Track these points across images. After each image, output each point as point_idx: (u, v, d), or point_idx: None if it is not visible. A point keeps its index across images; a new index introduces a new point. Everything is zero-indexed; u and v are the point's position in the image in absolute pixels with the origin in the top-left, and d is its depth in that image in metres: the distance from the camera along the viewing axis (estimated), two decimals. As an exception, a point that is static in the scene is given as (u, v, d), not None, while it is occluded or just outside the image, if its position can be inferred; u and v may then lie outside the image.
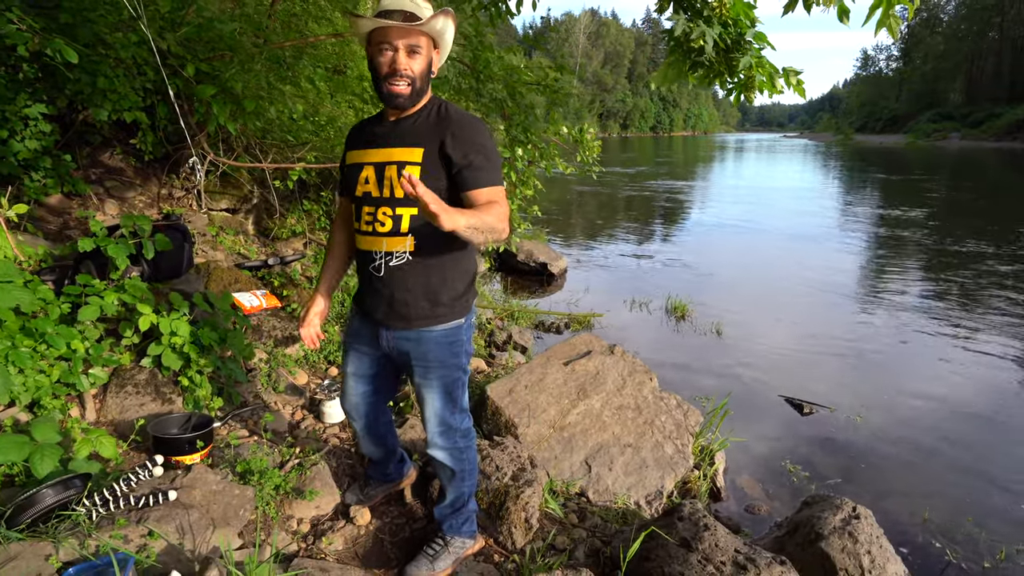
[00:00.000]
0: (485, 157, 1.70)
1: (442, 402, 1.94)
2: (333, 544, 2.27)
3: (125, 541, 1.82)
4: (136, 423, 2.40)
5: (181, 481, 2.10)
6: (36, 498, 1.78)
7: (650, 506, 2.81)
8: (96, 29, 3.54)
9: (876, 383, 4.62)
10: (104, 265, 2.89)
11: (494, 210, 1.62)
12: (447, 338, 1.87)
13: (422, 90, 1.71)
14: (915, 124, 66.63)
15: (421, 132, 1.72)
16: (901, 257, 8.88)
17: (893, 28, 3.02)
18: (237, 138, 4.90)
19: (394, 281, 1.80)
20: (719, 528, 2.17)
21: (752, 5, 3.72)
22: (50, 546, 1.71)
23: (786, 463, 3.52)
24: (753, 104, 3.99)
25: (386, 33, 1.64)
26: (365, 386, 2.09)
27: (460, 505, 2.16)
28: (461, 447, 2.05)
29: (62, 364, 2.38)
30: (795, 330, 5.81)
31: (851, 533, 2.34)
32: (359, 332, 2.00)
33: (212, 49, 4.32)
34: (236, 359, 2.96)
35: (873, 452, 3.66)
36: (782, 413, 4.16)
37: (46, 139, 3.66)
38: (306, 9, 6.28)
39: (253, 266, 3.95)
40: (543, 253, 7.52)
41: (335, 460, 2.70)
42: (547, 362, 3.34)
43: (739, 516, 3.06)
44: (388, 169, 1.72)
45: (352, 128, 1.92)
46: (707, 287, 7.29)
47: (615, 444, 3.01)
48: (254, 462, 2.30)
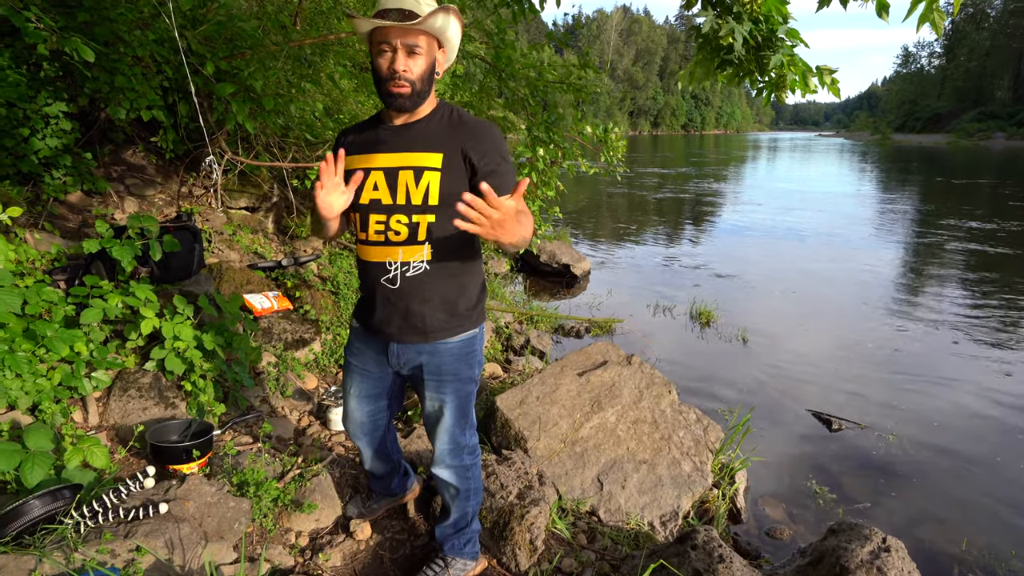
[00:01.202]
0: (507, 163, 1.68)
1: (454, 419, 1.86)
2: (331, 560, 2.20)
3: (112, 556, 1.77)
4: (136, 428, 2.35)
5: (175, 492, 2.04)
6: (22, 509, 1.74)
7: (665, 528, 2.68)
8: (114, 27, 3.53)
9: (910, 399, 4.38)
10: (114, 266, 2.87)
11: (527, 220, 1.55)
12: (463, 349, 1.79)
13: (424, 92, 1.61)
14: (958, 123, 64.54)
15: (438, 137, 1.64)
16: (941, 265, 8.51)
17: (937, 24, 2.83)
18: (257, 136, 4.89)
19: (410, 293, 1.70)
20: (735, 560, 2.03)
21: (785, 0, 3.56)
22: (34, 560, 1.66)
23: (812, 483, 3.34)
24: (786, 103, 3.82)
25: (385, 33, 1.55)
26: (370, 405, 2.00)
27: (463, 525, 2.07)
28: (467, 464, 1.96)
29: (64, 367, 2.35)
30: (826, 340, 5.59)
31: (880, 569, 2.18)
32: (363, 351, 1.91)
33: (233, 47, 4.30)
34: (243, 363, 2.91)
35: (906, 474, 3.46)
36: (809, 428, 3.98)
37: (67, 137, 3.67)
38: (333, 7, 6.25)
39: (266, 267, 3.91)
40: (566, 254, 7.39)
41: (338, 470, 2.63)
42: (561, 372, 3.22)
43: (759, 540, 2.90)
44: (403, 175, 1.63)
45: (344, 131, 1.81)
46: (734, 292, 7.07)
47: (629, 460, 2.88)
48: (251, 473, 2.24)
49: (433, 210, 1.63)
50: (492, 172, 1.64)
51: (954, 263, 8.54)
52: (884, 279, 7.74)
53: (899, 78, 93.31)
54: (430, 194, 1.62)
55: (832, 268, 8.26)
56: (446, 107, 1.70)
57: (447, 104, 1.71)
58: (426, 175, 1.62)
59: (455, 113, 1.69)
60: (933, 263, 8.62)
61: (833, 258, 8.87)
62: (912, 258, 9.03)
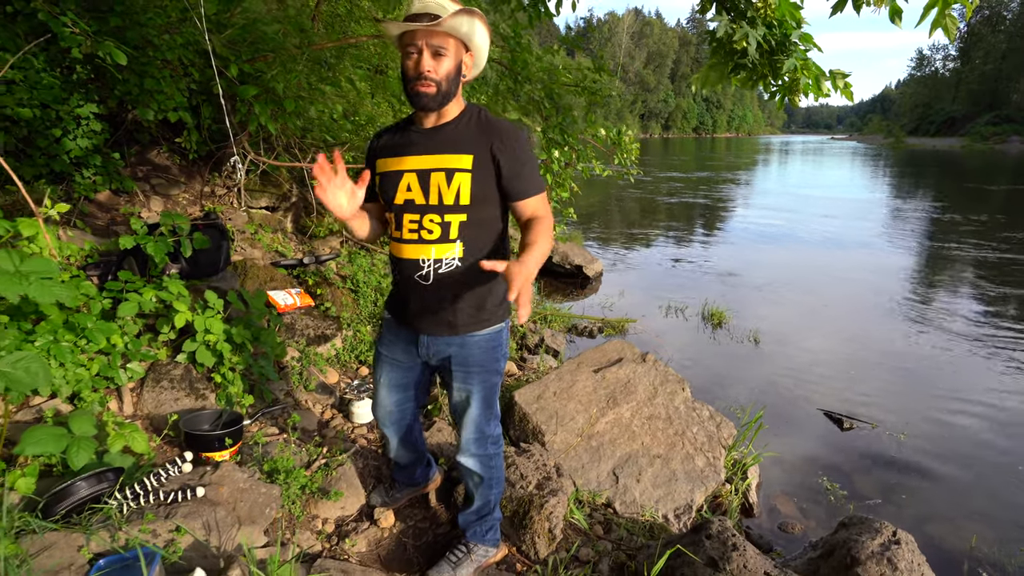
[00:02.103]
0: (531, 167, 1.76)
1: (480, 409, 1.94)
2: (356, 546, 2.28)
3: (153, 536, 1.86)
4: (170, 418, 2.45)
5: (209, 478, 2.13)
6: (71, 490, 1.83)
7: (678, 520, 2.74)
8: (144, 32, 3.65)
9: (921, 400, 4.42)
10: (145, 262, 2.97)
11: (544, 229, 1.69)
12: (490, 342, 1.87)
13: (449, 92, 1.68)
14: (972, 126, 63.95)
15: (467, 139, 1.71)
16: (955, 269, 8.50)
17: (949, 29, 2.88)
18: (278, 137, 5.00)
19: (442, 288, 1.78)
20: (748, 548, 2.09)
21: (799, 5, 3.61)
22: (82, 537, 1.76)
23: (823, 480, 3.39)
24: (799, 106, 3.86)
25: (412, 36, 1.63)
26: (399, 395, 2.08)
27: (486, 512, 2.14)
28: (491, 454, 2.03)
29: (101, 358, 2.45)
30: (837, 341, 5.62)
31: (890, 560, 2.23)
32: (394, 342, 1.99)
33: (255, 50, 4.41)
34: (268, 357, 3.01)
35: (917, 472, 3.50)
36: (821, 427, 4.02)
37: (97, 137, 3.79)
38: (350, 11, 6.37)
39: (289, 264, 4.01)
40: (579, 256, 7.45)
41: (361, 461, 2.71)
42: (577, 369, 3.29)
43: (771, 534, 2.96)
44: (435, 176, 1.71)
45: (377, 134, 1.89)
46: (746, 294, 7.11)
47: (644, 455, 2.95)
48: (281, 461, 2.32)
49: (464, 210, 1.71)
50: (516, 176, 1.72)
51: (968, 268, 8.52)
52: (897, 283, 7.74)
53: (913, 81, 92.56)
54: (461, 194, 1.70)
55: (844, 272, 8.28)
56: (474, 109, 1.77)
57: (475, 106, 1.78)
58: (457, 176, 1.70)
59: (483, 115, 1.76)
60: (947, 268, 8.61)
61: (845, 262, 8.88)
62: (925, 262, 9.02)
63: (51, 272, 1.90)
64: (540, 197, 1.77)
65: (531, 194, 1.75)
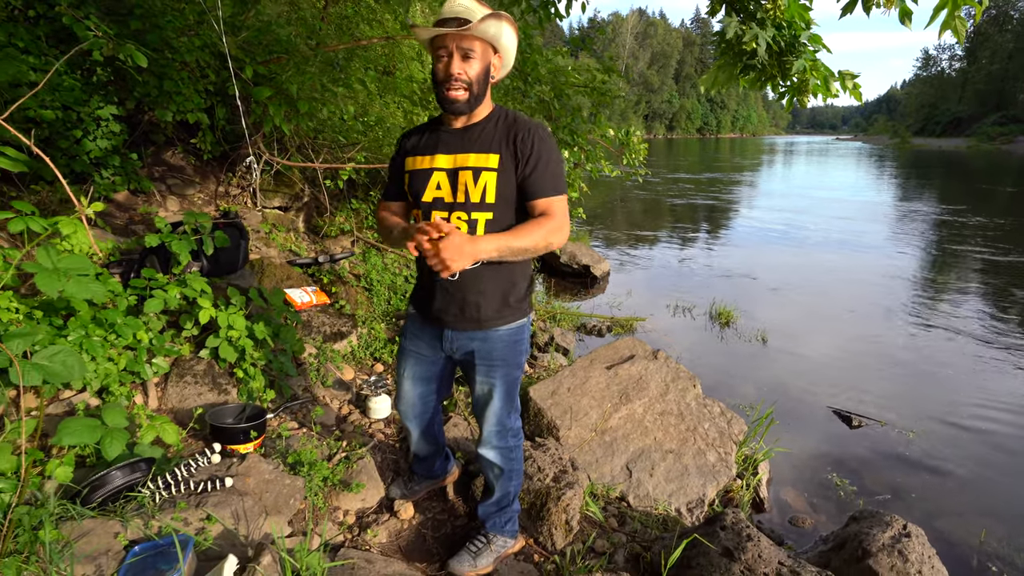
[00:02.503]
0: (545, 166, 1.76)
1: (502, 402, 1.99)
2: (378, 537, 2.33)
3: (185, 523, 1.92)
4: (194, 412, 2.51)
5: (236, 469, 2.19)
6: (107, 479, 1.89)
7: (691, 514, 2.79)
8: (163, 34, 3.71)
9: (930, 399, 4.45)
10: (167, 260, 3.03)
11: (537, 225, 1.71)
12: (512, 337, 1.92)
13: (480, 94, 1.74)
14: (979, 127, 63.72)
15: (495, 139, 1.76)
16: (961, 270, 8.51)
17: (958, 30, 2.92)
18: (291, 138, 5.07)
19: (467, 284, 1.83)
20: (763, 539, 2.14)
21: (808, 7, 3.65)
22: (118, 524, 1.82)
23: (833, 476, 3.43)
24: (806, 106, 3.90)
25: (442, 40, 1.69)
26: (422, 387, 2.14)
27: (505, 504, 2.19)
28: (511, 446, 2.08)
29: (128, 353, 2.51)
30: (844, 341, 5.65)
31: (901, 552, 2.28)
32: (418, 336, 2.05)
33: (269, 52, 4.48)
34: (287, 353, 3.07)
35: (926, 470, 3.53)
36: (830, 425, 4.06)
37: (116, 138, 3.85)
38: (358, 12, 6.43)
39: (304, 263, 4.07)
40: (586, 256, 7.50)
41: (379, 455, 2.77)
42: (590, 365, 3.35)
43: (782, 528, 3.00)
44: (463, 174, 1.76)
45: (406, 134, 1.95)
46: (753, 294, 7.14)
47: (657, 450, 3.00)
48: (304, 454, 2.38)
49: (490, 208, 1.76)
50: (527, 175, 1.75)
51: (976, 270, 8.53)
52: (904, 283, 7.77)
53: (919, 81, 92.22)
54: (487, 193, 1.75)
55: (851, 272, 8.30)
56: (501, 111, 1.82)
57: (502, 108, 1.83)
58: (484, 175, 1.75)
59: (509, 116, 1.81)
60: (955, 269, 8.62)
61: (852, 263, 8.90)
62: (933, 264, 9.02)
63: (87, 269, 1.96)
64: (555, 199, 1.77)
65: (545, 194, 1.76)
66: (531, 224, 1.73)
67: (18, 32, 3.37)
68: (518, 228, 1.72)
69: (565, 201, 1.80)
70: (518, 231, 1.70)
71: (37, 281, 1.84)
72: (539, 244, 1.71)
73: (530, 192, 1.76)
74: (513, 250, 1.69)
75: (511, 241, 1.68)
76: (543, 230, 1.71)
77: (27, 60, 3.24)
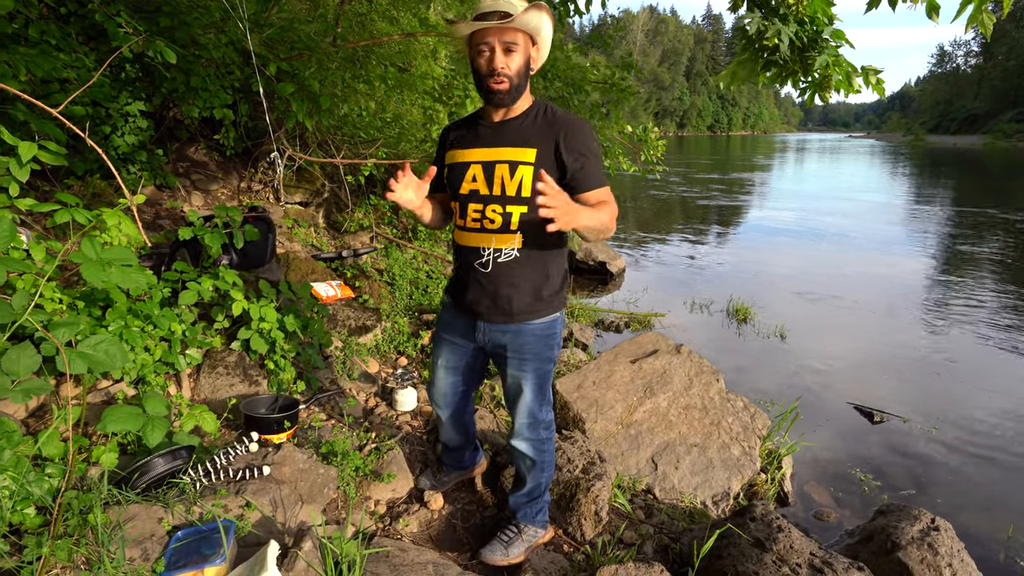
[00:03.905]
0: (596, 159, 1.79)
1: (533, 395, 2.01)
2: (409, 526, 2.36)
3: (225, 510, 1.96)
4: (228, 402, 2.55)
5: (272, 458, 2.23)
6: (150, 465, 1.94)
7: (716, 507, 2.80)
8: (191, 31, 3.76)
9: (951, 395, 4.43)
10: (198, 253, 3.08)
11: (607, 209, 1.73)
12: (545, 331, 1.94)
13: (521, 87, 1.76)
14: (995, 124, 62.95)
15: (532, 133, 1.78)
16: (979, 267, 8.44)
17: (986, 25, 2.90)
18: (313, 134, 5.11)
19: (500, 277, 1.86)
20: (793, 530, 2.15)
21: (830, 2, 3.63)
22: (161, 510, 1.86)
23: (856, 471, 3.43)
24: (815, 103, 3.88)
25: (483, 34, 1.70)
26: (455, 377, 2.16)
27: (536, 495, 2.22)
28: (543, 438, 2.11)
29: (163, 344, 2.56)
30: (863, 337, 5.62)
31: (931, 545, 2.28)
32: (453, 325, 2.07)
33: (291, 49, 4.52)
34: (314, 346, 3.10)
35: (950, 465, 3.52)
36: (851, 420, 4.05)
37: (143, 134, 3.91)
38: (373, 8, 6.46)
39: (328, 257, 4.12)
40: (602, 252, 7.50)
41: (408, 446, 2.80)
42: (614, 359, 3.36)
43: (807, 522, 3.01)
44: (499, 168, 1.78)
45: (448, 127, 1.97)
46: (769, 290, 7.12)
47: (681, 443, 3.01)
48: (337, 444, 2.42)
49: (525, 201, 1.77)
50: (579, 169, 1.77)
51: (996, 268, 8.45)
52: (922, 280, 7.72)
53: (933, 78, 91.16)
54: (523, 186, 1.77)
55: (869, 270, 8.25)
56: (541, 104, 1.83)
57: (541, 102, 1.84)
58: (520, 169, 1.77)
59: (549, 110, 1.82)
60: (974, 266, 8.55)
61: (870, 260, 8.84)
62: (952, 261, 8.95)
63: (130, 260, 2.00)
64: (604, 190, 1.79)
65: (594, 186, 1.78)
66: (603, 206, 1.74)
67: (50, 29, 3.42)
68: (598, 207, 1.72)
69: (609, 190, 1.82)
70: (599, 208, 1.71)
71: (83, 272, 1.88)
72: (609, 226, 1.74)
73: (584, 185, 1.77)
74: (602, 223, 1.69)
75: (600, 215, 1.69)
76: (610, 214, 1.74)
77: (59, 57, 3.29)
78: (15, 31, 3.06)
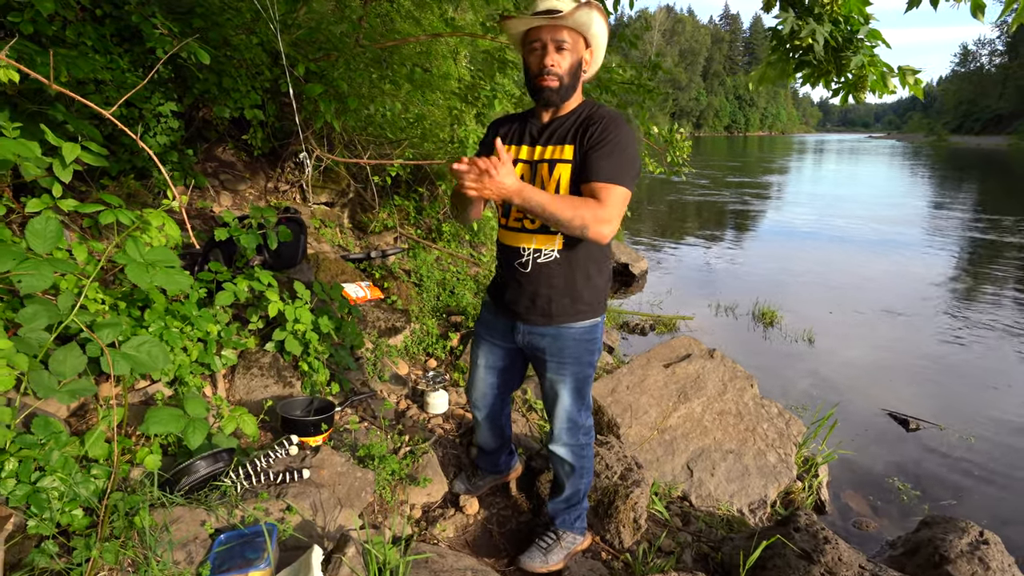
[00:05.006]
0: (609, 152, 1.67)
1: (572, 399, 1.98)
2: (446, 531, 2.34)
3: (266, 514, 1.94)
4: (264, 404, 2.55)
5: (311, 461, 2.22)
6: (193, 468, 1.93)
7: (754, 515, 2.75)
8: (224, 32, 3.77)
9: (985, 403, 4.33)
10: (231, 254, 3.09)
11: (580, 204, 1.62)
12: (585, 335, 1.90)
13: (571, 86, 1.73)
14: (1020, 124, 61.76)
15: (571, 130, 1.75)
16: (1010, 271, 8.27)
17: (1037, 21, 2.82)
18: (340, 135, 5.12)
19: (540, 278, 1.83)
20: (841, 542, 2.10)
21: (866, 1, 3.56)
22: (204, 513, 1.85)
23: (893, 480, 3.36)
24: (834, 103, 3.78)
25: (536, 31, 1.68)
26: (494, 378, 2.14)
27: (575, 501, 2.19)
28: (583, 444, 2.07)
29: (199, 345, 2.56)
30: (891, 342, 5.52)
31: (981, 559, 2.22)
32: (493, 325, 2.05)
33: (319, 49, 4.53)
34: (346, 347, 3.10)
35: (990, 475, 3.44)
36: (885, 427, 3.98)
37: (174, 135, 3.93)
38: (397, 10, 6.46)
39: (356, 258, 4.12)
40: (624, 254, 7.45)
41: (441, 450, 2.78)
42: (648, 363, 3.32)
43: (845, 531, 2.94)
44: (541, 167, 1.76)
45: (496, 121, 1.95)
46: (794, 293, 7.02)
47: (716, 449, 2.96)
48: (375, 447, 2.40)
49: None
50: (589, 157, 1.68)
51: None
52: (951, 285, 7.58)
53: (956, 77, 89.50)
54: (561, 185, 1.73)
55: (894, 273, 8.12)
56: (589, 105, 1.79)
57: (592, 102, 1.80)
58: (558, 167, 1.74)
59: (592, 108, 1.78)
60: (1004, 271, 8.37)
61: (895, 264, 8.70)
62: (982, 266, 8.77)
63: (173, 261, 2.00)
64: (609, 187, 1.64)
65: (600, 179, 1.65)
66: (579, 200, 1.63)
67: (86, 31, 3.45)
68: (567, 198, 1.63)
69: (621, 193, 1.67)
70: (564, 200, 1.62)
71: (129, 273, 1.88)
72: (574, 221, 1.59)
73: (586, 174, 1.67)
74: (547, 213, 1.58)
75: (552, 204, 1.58)
76: (585, 211, 1.60)
77: (96, 59, 3.31)
78: (54, 33, 3.08)
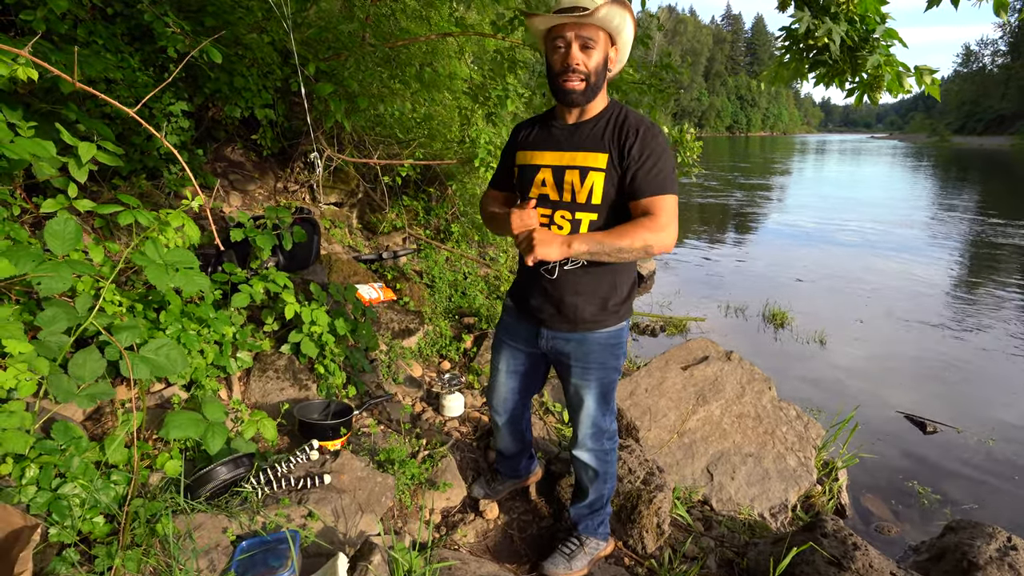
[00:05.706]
0: (652, 164, 1.65)
1: (596, 404, 1.94)
2: (466, 536, 2.31)
3: (287, 520, 1.91)
4: (281, 407, 2.51)
5: (330, 466, 2.18)
6: (213, 473, 1.90)
7: (775, 519, 2.72)
8: (235, 31, 3.74)
9: (1003, 406, 4.28)
10: (245, 255, 3.05)
11: (635, 226, 1.62)
12: (610, 340, 1.87)
13: (597, 86, 1.67)
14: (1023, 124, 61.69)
15: (604, 137, 1.69)
16: (1019, 273, 8.23)
17: (1062, 21, 2.79)
18: (349, 135, 5.09)
19: (566, 285, 1.79)
20: (870, 548, 2.07)
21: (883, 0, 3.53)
22: (225, 519, 1.82)
23: (913, 484, 3.32)
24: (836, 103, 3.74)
25: (560, 29, 1.63)
26: (515, 382, 2.10)
27: (599, 506, 2.15)
28: (607, 449, 2.04)
29: (215, 347, 2.53)
30: (904, 344, 5.48)
31: (1012, 565, 2.18)
32: (515, 330, 2.01)
33: (329, 49, 4.49)
34: (360, 349, 3.06)
35: (1012, 479, 3.40)
36: (902, 430, 3.93)
37: (184, 135, 3.89)
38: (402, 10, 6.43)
39: (368, 259, 4.08)
40: (632, 254, 7.41)
41: (458, 453, 2.74)
42: (665, 366, 3.29)
43: (866, 536, 2.86)
44: (569, 173, 1.71)
45: (519, 125, 1.91)
46: (804, 295, 6.98)
47: (736, 453, 2.93)
48: (395, 452, 2.37)
49: (596, 209, 1.70)
50: (633, 176, 1.65)
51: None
52: (963, 288, 7.54)
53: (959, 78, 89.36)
54: (594, 193, 1.69)
55: (904, 275, 8.07)
56: (616, 107, 1.74)
57: (617, 104, 1.76)
58: (591, 175, 1.69)
59: (622, 113, 1.72)
60: (1015, 269, 8.33)
61: (905, 266, 8.65)
62: (993, 268, 8.72)
63: (191, 263, 1.97)
64: (659, 199, 1.64)
65: (647, 194, 1.64)
66: (630, 224, 1.63)
67: (97, 29, 3.42)
68: (617, 228, 1.64)
69: (672, 201, 1.66)
70: (615, 230, 1.62)
71: (148, 275, 1.85)
72: (635, 245, 1.60)
73: (633, 191, 1.67)
74: (607, 250, 1.60)
75: (606, 240, 1.60)
76: (641, 230, 1.60)
77: (107, 57, 3.28)
78: (66, 31, 3.05)
